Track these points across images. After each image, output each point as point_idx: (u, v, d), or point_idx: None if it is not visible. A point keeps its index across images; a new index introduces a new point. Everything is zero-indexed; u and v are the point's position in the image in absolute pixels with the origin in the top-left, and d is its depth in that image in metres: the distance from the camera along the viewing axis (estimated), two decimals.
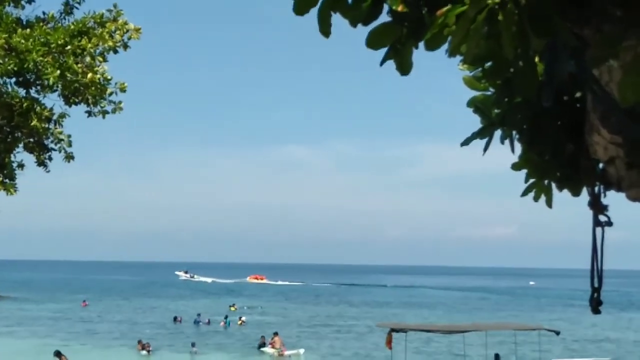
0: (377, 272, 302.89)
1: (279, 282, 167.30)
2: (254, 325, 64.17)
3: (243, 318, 66.89)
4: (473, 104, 3.77)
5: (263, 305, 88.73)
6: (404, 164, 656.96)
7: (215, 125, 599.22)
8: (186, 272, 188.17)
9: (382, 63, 3.15)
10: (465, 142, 3.81)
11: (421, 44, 3.04)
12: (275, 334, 49.32)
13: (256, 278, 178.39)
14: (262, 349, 47.96)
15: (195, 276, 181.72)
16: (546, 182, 3.73)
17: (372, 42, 3.06)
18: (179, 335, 56.79)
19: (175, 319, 67.35)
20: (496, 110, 3.67)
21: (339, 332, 60.79)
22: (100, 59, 10.95)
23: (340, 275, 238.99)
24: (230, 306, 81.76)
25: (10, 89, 10.94)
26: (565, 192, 3.68)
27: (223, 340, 54.43)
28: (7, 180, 11.40)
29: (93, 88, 10.78)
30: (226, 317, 65.46)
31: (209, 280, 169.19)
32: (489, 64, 3.29)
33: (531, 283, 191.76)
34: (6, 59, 10.10)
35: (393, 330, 35.26)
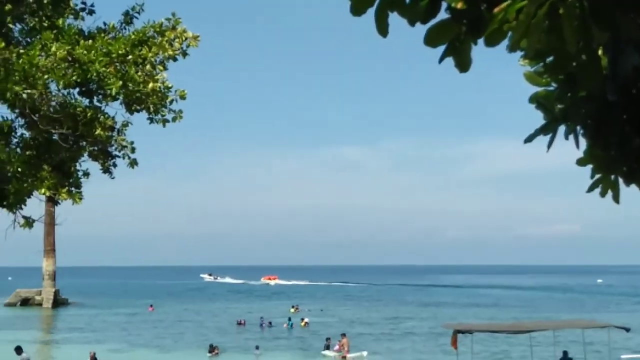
0: (436, 272, 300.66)
1: (292, 282, 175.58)
2: (317, 326, 64.30)
3: (306, 319, 67.10)
4: (535, 99, 3.71)
5: (324, 308, 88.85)
6: (461, 162, 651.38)
7: (270, 128, 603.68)
8: (210, 275, 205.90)
9: (440, 60, 3.13)
10: (529, 139, 3.76)
11: (480, 41, 3.02)
12: (343, 335, 49.23)
13: (269, 278, 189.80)
14: (323, 352, 47.94)
15: (219, 278, 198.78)
16: (613, 177, 3.66)
17: (431, 40, 3.04)
18: (243, 338, 57.25)
19: (238, 322, 67.94)
20: (559, 106, 3.61)
21: (402, 333, 60.48)
22: (161, 67, 11.11)
23: (401, 276, 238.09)
24: (292, 307, 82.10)
25: (74, 100, 11.19)
26: (633, 187, 3.60)
27: (286, 342, 54.67)
28: (73, 189, 11.64)
29: (154, 96, 10.94)
30: (289, 319, 65.75)
31: (231, 280, 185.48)
32: (550, 58, 3.24)
33: (599, 281, 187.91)
34: (69, 70, 10.32)
35: (458, 331, 34.86)
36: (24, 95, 10.14)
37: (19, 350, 25.95)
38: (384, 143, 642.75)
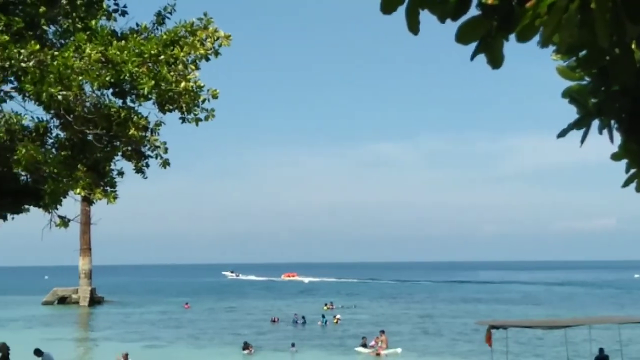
0: (473, 269, 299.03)
1: (310, 279, 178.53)
2: (350, 324, 64.32)
3: (338, 316, 67.13)
4: (568, 94, 3.68)
5: (357, 304, 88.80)
6: (497, 157, 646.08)
7: (304, 124, 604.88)
8: (232, 272, 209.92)
9: (472, 57, 3.12)
10: (562, 134, 3.73)
11: (511, 36, 3.00)
12: (382, 332, 49.12)
13: (289, 276, 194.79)
14: (357, 348, 47.92)
15: (240, 275, 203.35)
16: None
17: (462, 36, 3.03)
18: (277, 335, 57.43)
19: (272, 319, 68.17)
20: (593, 100, 3.58)
21: (436, 330, 60.25)
22: (193, 66, 11.18)
23: (436, 272, 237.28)
24: (325, 305, 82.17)
25: (108, 100, 11.31)
26: None
27: (321, 339, 54.74)
28: (107, 189, 11.78)
29: (186, 96, 11.02)
30: (323, 317, 65.82)
31: (255, 278, 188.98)
32: (583, 52, 3.21)
33: (636, 276, 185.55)
34: (103, 71, 10.43)
35: (492, 327, 34.58)
36: (59, 97, 10.27)
37: (38, 352, 26.10)
38: (420, 139, 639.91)
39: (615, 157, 3.66)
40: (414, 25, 3.11)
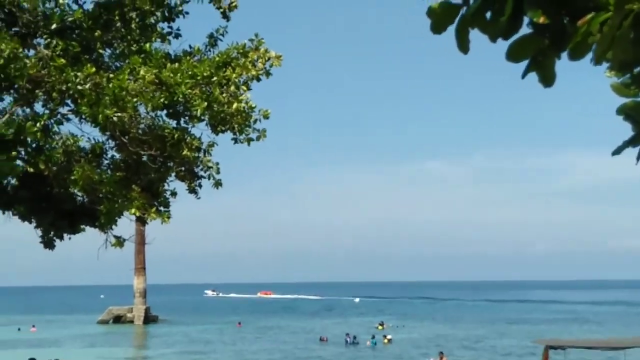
0: (526, 287, 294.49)
1: (288, 296, 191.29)
2: (401, 344, 63.81)
3: (389, 337, 66.59)
4: (623, 111, 3.64)
5: (406, 324, 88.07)
6: (549, 174, 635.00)
7: (351, 143, 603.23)
8: (213, 291, 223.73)
9: (523, 75, 3.12)
10: (617, 151, 3.69)
11: (564, 54, 2.99)
12: (441, 353, 48.57)
13: (265, 294, 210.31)
14: None
15: (220, 294, 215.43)
16: None
17: (513, 54, 3.03)
18: (328, 354, 57.25)
19: (321, 338, 67.98)
20: None
21: (491, 350, 59.42)
22: (244, 87, 11.30)
23: (487, 291, 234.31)
24: (378, 325, 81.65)
25: (162, 122, 11.48)
26: None
27: (371, 359, 54.42)
28: (161, 209, 11.93)
29: (238, 117, 11.13)
30: (373, 337, 65.33)
31: (236, 295, 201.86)
32: (638, 69, 3.18)
33: None
34: (157, 93, 10.61)
35: (550, 347, 34.01)
36: (115, 118, 10.46)
37: None
38: (469, 156, 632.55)
39: None
40: (464, 45, 3.12)
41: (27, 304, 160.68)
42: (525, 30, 2.96)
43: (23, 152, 10.92)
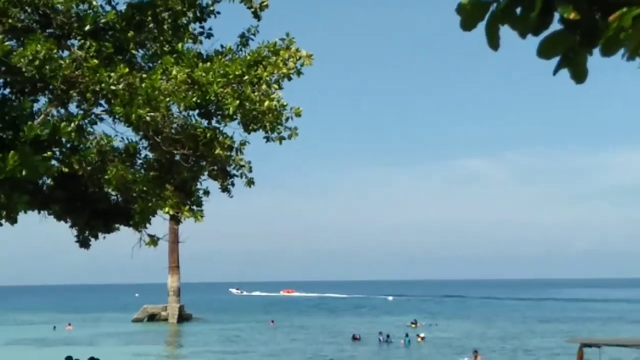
0: (564, 286, 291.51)
1: (311, 294, 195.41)
2: (434, 342, 63.56)
3: (422, 335, 66.34)
4: None
5: (439, 322, 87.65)
6: (588, 172, 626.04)
7: (388, 142, 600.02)
8: (237, 289, 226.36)
9: (555, 72, 3.09)
10: None
11: (596, 50, 2.97)
12: (475, 352, 48.28)
13: (288, 292, 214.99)
14: None
15: (244, 292, 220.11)
16: None
17: (544, 51, 3.01)
18: (361, 352, 57.21)
19: (354, 336, 67.93)
20: None
21: (525, 348, 58.96)
22: (276, 86, 11.34)
23: (523, 290, 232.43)
24: (411, 323, 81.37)
25: (194, 121, 11.56)
26: None
27: (406, 358, 54.30)
28: (194, 207, 12.01)
29: (270, 115, 11.17)
30: (406, 335, 65.11)
31: (258, 293, 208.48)
32: None
33: None
34: (189, 93, 10.68)
35: (585, 345, 33.63)
36: (148, 118, 10.55)
37: None
38: (507, 154, 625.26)
39: None
40: (494, 42, 3.11)
41: (62, 303, 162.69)
42: (555, 26, 2.94)
43: (58, 153, 11.06)
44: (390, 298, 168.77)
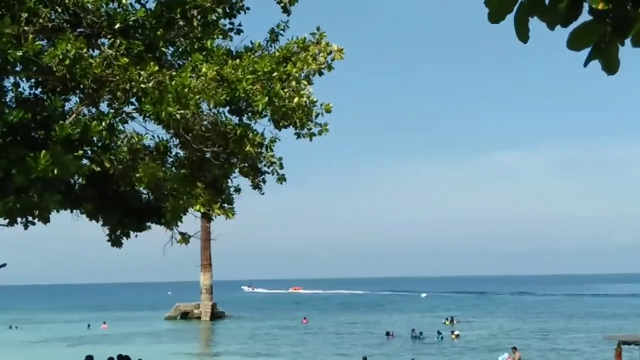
0: (602, 281, 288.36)
1: (318, 291, 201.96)
2: (469, 339, 63.27)
3: (457, 332, 66.10)
4: None
5: (475, 319, 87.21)
6: (626, 164, 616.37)
7: (420, 134, 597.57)
8: (249, 286, 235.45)
9: (586, 64, 3.02)
10: None
11: (627, 40, 2.89)
12: (514, 348, 47.92)
13: (296, 289, 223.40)
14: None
15: (256, 289, 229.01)
16: None
17: (574, 42, 2.94)
18: (395, 349, 57.13)
19: (387, 333, 67.86)
20: None
21: (563, 344, 58.47)
22: (305, 82, 11.29)
23: (559, 285, 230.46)
24: (446, 319, 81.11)
25: (224, 118, 11.56)
26: None
27: (441, 355, 54.10)
28: (225, 205, 12.02)
29: (300, 111, 11.12)
30: (439, 332, 64.86)
31: (266, 290, 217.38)
32: None
33: None
34: (219, 90, 10.67)
35: (624, 342, 33.20)
36: (178, 116, 10.56)
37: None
38: (543, 146, 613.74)
39: None
40: (523, 33, 3.04)
41: (96, 302, 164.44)
42: (585, 17, 2.87)
43: (89, 151, 11.11)
44: (424, 295, 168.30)
